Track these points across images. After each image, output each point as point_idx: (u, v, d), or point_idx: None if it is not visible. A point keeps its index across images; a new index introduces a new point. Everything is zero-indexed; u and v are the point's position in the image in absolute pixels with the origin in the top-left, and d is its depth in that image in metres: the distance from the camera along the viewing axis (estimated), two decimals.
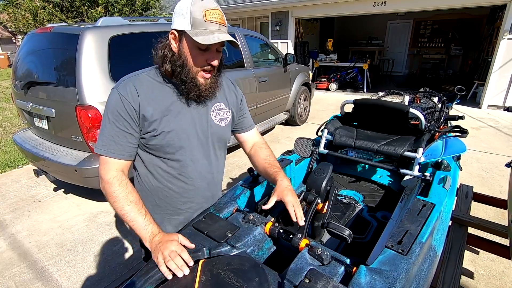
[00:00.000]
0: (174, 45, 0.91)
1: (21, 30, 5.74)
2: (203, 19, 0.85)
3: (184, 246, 0.87)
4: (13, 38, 19.68)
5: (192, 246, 0.88)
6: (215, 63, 0.92)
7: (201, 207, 1.13)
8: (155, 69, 0.98)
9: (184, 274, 0.79)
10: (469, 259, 2.03)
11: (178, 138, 0.97)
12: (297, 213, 0.92)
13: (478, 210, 2.51)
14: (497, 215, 2.49)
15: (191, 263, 0.82)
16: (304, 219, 0.93)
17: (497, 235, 1.76)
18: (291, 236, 0.92)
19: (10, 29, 10.76)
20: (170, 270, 0.80)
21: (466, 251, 2.05)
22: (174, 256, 0.81)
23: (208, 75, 0.94)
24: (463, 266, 1.88)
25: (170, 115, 0.95)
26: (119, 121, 0.91)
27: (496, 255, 1.81)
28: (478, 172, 3.35)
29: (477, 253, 2.09)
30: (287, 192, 0.97)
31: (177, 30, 0.88)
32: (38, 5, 5.32)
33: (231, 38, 0.88)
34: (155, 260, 0.83)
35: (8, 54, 18.15)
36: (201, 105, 1.01)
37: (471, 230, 1.80)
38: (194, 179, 1.06)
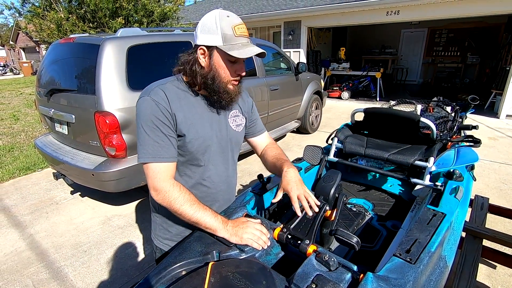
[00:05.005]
0: (202, 60, 0.94)
1: (45, 40, 6.04)
2: (234, 34, 0.90)
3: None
4: (37, 48, 20.65)
5: (258, 220, 0.98)
6: (243, 73, 0.99)
7: (220, 209, 1.18)
8: (177, 79, 1.01)
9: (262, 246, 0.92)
10: (486, 274, 1.97)
11: (204, 145, 1.02)
12: (304, 204, 0.95)
13: (496, 223, 2.43)
14: None
15: (269, 235, 0.96)
16: (314, 208, 0.95)
17: None
18: (299, 242, 0.94)
19: (34, 39, 11.32)
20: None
21: (482, 265, 2.00)
22: (260, 234, 0.94)
23: (237, 83, 1.01)
24: (479, 280, 1.83)
25: (197, 123, 1.00)
26: (159, 126, 0.92)
27: None
28: (495, 183, 3.25)
29: (494, 267, 2.02)
30: (292, 185, 0.98)
31: (206, 46, 0.92)
32: (63, 16, 5.60)
33: (262, 50, 0.95)
34: (241, 242, 0.91)
35: (32, 63, 19.06)
36: (222, 113, 1.07)
37: (487, 243, 1.75)
38: (216, 183, 1.11)
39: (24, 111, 7.33)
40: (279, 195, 1.00)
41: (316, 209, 0.95)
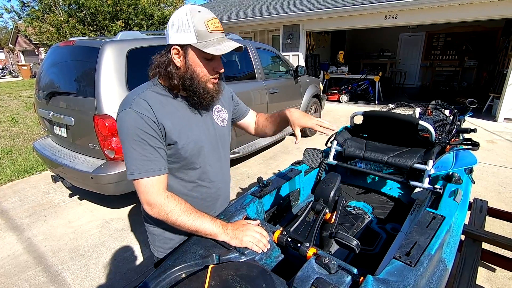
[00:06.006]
0: (178, 60, 0.90)
1: (45, 42, 6.06)
2: (207, 30, 0.86)
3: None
4: (36, 50, 20.69)
5: (257, 222, 1.01)
6: (222, 70, 0.96)
7: (222, 206, 1.20)
8: (154, 84, 0.96)
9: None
10: (485, 277, 1.96)
11: (197, 148, 1.00)
12: (322, 124, 1.08)
13: (494, 225, 2.43)
14: None
15: (269, 238, 0.97)
16: (331, 128, 1.09)
17: None
18: (299, 244, 0.93)
19: (34, 42, 11.34)
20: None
21: (482, 268, 2.00)
22: (260, 237, 0.94)
23: (216, 80, 0.98)
24: (478, 283, 1.82)
25: (186, 127, 0.97)
26: (146, 139, 0.88)
27: None
28: (494, 187, 3.25)
29: (494, 270, 2.02)
30: (305, 118, 1.11)
31: (180, 45, 0.88)
32: (62, 19, 5.63)
33: (239, 44, 0.91)
34: (241, 244, 0.92)
35: (31, 66, 19.06)
36: (206, 111, 1.04)
37: (486, 246, 1.75)
38: (215, 182, 1.11)
39: (23, 114, 7.31)
40: (298, 134, 1.10)
41: (333, 127, 1.08)
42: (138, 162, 0.88)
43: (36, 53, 20.90)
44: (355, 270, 0.83)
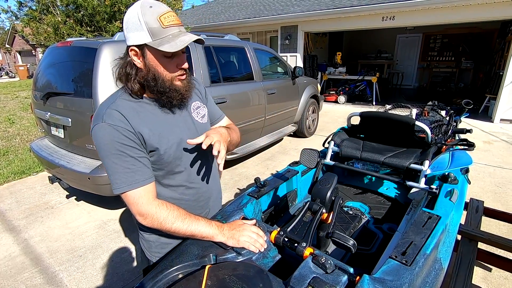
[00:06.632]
0: (138, 61, 0.86)
1: (42, 43, 6.03)
2: (161, 26, 0.80)
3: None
4: (33, 51, 20.60)
5: (253, 222, 1.01)
6: (185, 65, 0.90)
7: (215, 202, 1.19)
8: (125, 91, 0.91)
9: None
10: (481, 276, 1.98)
11: (179, 150, 0.96)
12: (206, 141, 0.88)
13: (491, 225, 2.45)
14: (511, 231, 2.42)
15: (266, 238, 0.98)
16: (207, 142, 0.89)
17: (509, 251, 1.72)
18: (296, 244, 0.94)
19: (31, 42, 11.29)
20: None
21: (478, 268, 2.01)
22: (257, 237, 0.94)
23: (183, 77, 0.92)
24: (475, 283, 1.84)
25: (164, 130, 0.93)
26: (125, 150, 0.85)
27: (509, 273, 1.76)
28: (490, 187, 3.28)
29: (490, 270, 2.03)
30: (211, 131, 0.96)
31: (136, 46, 0.83)
32: (60, 20, 5.60)
33: (197, 37, 0.86)
34: (238, 245, 0.92)
35: (28, 66, 18.97)
36: (183, 109, 1.00)
37: (482, 246, 1.76)
38: (204, 181, 1.09)
39: (20, 115, 7.28)
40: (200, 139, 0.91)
41: (206, 145, 0.88)
42: (121, 176, 0.85)
43: (33, 53, 20.81)
44: (351, 270, 0.83)
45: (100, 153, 0.86)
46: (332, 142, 1.85)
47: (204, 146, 0.88)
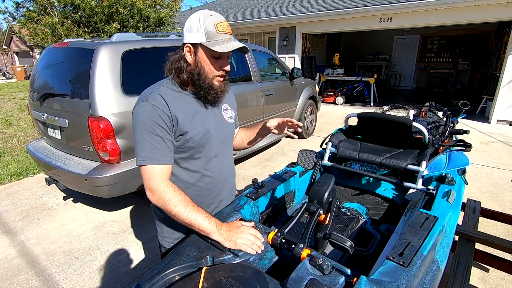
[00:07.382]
0: (189, 57, 1.00)
1: (39, 44, 6.01)
2: (216, 31, 0.95)
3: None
4: (30, 52, 20.52)
5: (252, 224, 1.03)
6: (228, 68, 1.04)
7: (226, 197, 1.25)
8: (170, 81, 1.06)
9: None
10: (479, 277, 1.98)
11: (205, 139, 1.07)
12: (284, 120, 1.19)
13: (488, 226, 2.46)
14: (508, 232, 2.43)
15: (263, 240, 0.97)
16: (296, 124, 1.17)
17: (506, 251, 1.72)
18: (293, 246, 0.94)
19: (28, 43, 11.25)
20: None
21: (475, 268, 2.02)
22: (254, 239, 0.95)
23: (222, 79, 1.06)
24: (472, 283, 1.84)
25: (197, 119, 1.05)
26: (156, 129, 0.96)
27: (507, 273, 1.76)
28: (487, 187, 3.29)
29: (487, 270, 2.03)
30: (272, 119, 1.21)
31: (191, 44, 0.98)
32: (57, 20, 5.59)
33: (243, 45, 1.00)
34: (235, 247, 0.92)
35: (25, 67, 18.89)
36: (215, 107, 1.13)
37: (479, 247, 1.76)
38: (219, 173, 1.17)
39: (17, 116, 7.23)
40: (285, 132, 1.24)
41: (300, 124, 1.18)
42: (146, 150, 0.96)
43: (31, 54, 20.73)
44: (348, 271, 0.83)
45: (134, 128, 0.98)
46: (330, 143, 1.85)
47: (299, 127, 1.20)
